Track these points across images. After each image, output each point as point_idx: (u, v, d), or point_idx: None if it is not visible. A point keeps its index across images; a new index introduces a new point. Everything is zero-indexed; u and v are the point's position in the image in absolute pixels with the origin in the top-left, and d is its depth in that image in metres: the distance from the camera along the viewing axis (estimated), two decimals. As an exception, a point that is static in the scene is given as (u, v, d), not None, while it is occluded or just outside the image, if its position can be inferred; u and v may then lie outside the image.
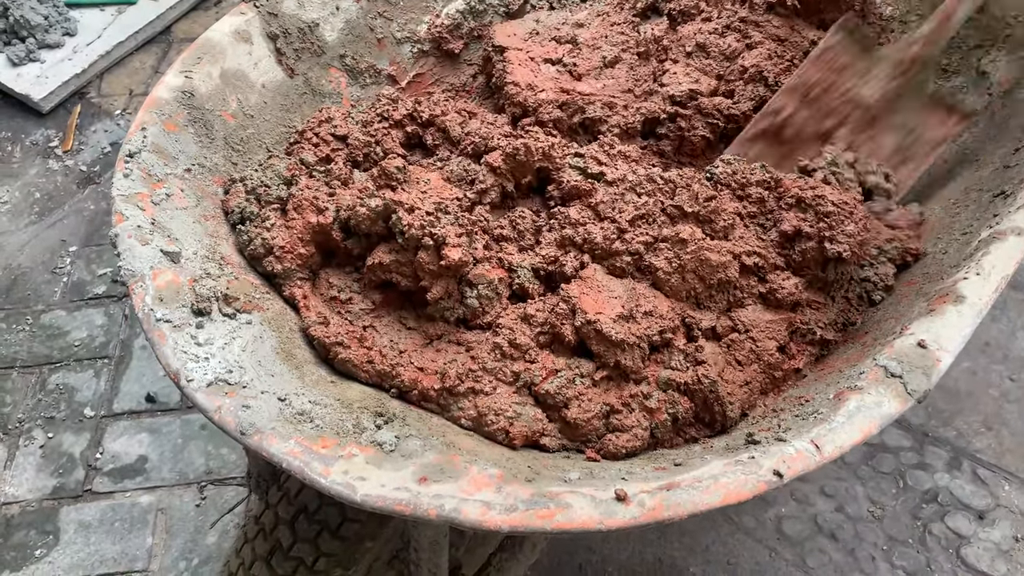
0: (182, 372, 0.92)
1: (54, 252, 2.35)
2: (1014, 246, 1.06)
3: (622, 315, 1.08)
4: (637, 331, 1.07)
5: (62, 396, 2.03)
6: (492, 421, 1.01)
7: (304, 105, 1.39)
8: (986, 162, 1.34)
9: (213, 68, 1.26)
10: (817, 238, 1.18)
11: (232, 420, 0.89)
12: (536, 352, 1.07)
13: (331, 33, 1.45)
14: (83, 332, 2.16)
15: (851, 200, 1.22)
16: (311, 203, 1.16)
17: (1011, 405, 1.91)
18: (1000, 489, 1.79)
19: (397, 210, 1.11)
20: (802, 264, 1.20)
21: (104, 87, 2.80)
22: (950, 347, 0.96)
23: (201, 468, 1.90)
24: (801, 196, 1.21)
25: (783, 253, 1.21)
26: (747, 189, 1.25)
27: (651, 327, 1.09)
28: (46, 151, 2.63)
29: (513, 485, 0.85)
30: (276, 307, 1.10)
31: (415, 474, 0.86)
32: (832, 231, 1.17)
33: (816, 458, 0.87)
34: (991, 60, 1.48)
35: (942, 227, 1.26)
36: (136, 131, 1.13)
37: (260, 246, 1.14)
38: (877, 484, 1.80)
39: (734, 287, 1.17)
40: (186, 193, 1.14)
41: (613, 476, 0.92)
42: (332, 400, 0.97)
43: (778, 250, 1.21)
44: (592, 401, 1.05)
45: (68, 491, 1.87)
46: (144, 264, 1.00)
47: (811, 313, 1.19)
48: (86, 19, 2.87)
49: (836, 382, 1.01)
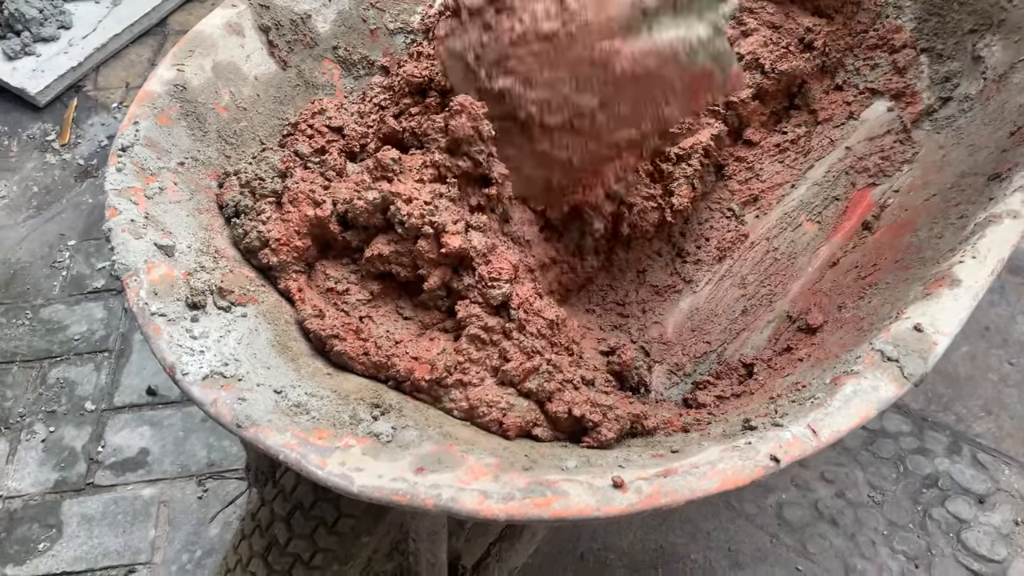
0: (177, 365, 0.92)
1: (52, 246, 2.35)
2: (1010, 229, 1.06)
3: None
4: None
5: (63, 390, 2.04)
6: (484, 412, 1.01)
7: (297, 97, 1.38)
8: (981, 146, 1.34)
9: (205, 61, 1.25)
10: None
11: (228, 413, 0.88)
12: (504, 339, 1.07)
13: (324, 24, 1.44)
14: (83, 326, 2.16)
15: None
16: (307, 196, 1.15)
17: (1011, 389, 1.91)
18: (1000, 473, 1.79)
19: (395, 201, 1.11)
20: None
21: (100, 80, 2.79)
22: (946, 330, 0.96)
23: (203, 460, 1.90)
24: None
25: None
26: None
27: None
28: (43, 145, 2.62)
29: (510, 474, 0.85)
30: (271, 300, 1.10)
31: (412, 464, 0.86)
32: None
33: (813, 443, 0.87)
34: (986, 44, 1.48)
35: (938, 211, 1.26)
36: (128, 125, 1.13)
37: (256, 239, 1.14)
38: (877, 469, 1.81)
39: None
40: (180, 187, 1.13)
41: (610, 463, 0.92)
42: (328, 392, 0.97)
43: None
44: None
45: (70, 484, 1.88)
46: (138, 258, 0.99)
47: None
48: (81, 12, 2.86)
49: (833, 367, 1.01)
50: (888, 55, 1.61)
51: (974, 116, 1.44)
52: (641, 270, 1.44)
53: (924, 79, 1.58)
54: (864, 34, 1.63)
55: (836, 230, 1.45)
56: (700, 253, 1.47)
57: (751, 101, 1.52)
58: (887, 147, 1.52)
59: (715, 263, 1.46)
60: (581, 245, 1.36)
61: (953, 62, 1.54)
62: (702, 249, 1.47)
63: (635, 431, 1.11)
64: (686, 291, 1.44)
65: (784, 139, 1.58)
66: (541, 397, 1.04)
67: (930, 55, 1.58)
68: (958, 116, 1.48)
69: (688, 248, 1.47)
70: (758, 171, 1.53)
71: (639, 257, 1.44)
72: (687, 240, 1.48)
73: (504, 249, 1.13)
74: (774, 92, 1.56)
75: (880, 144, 1.53)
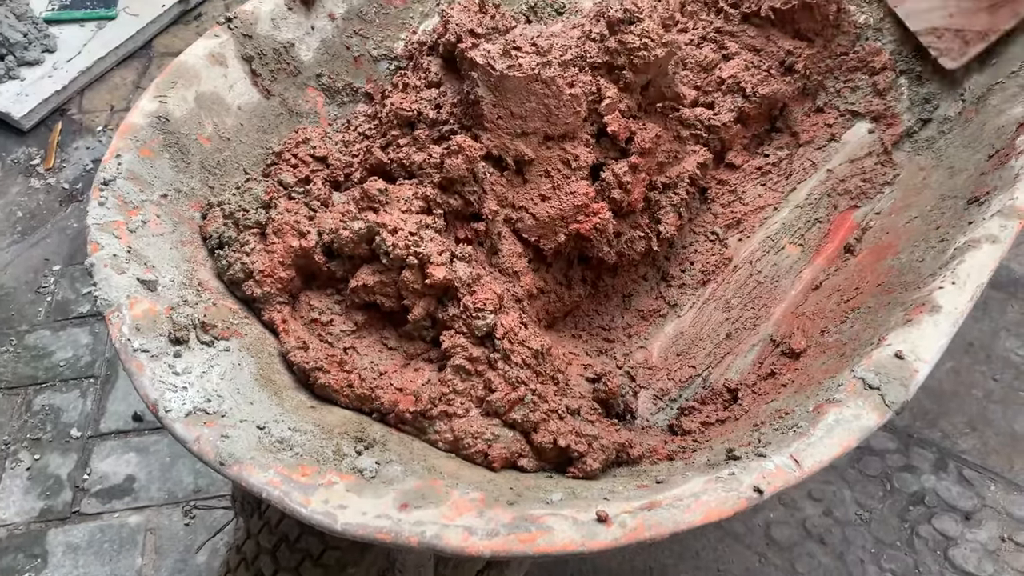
0: (160, 402, 0.92)
1: (37, 271, 2.34)
2: (988, 254, 1.07)
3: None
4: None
5: (48, 417, 2.02)
6: (470, 444, 1.01)
7: (281, 126, 1.39)
8: (960, 169, 1.35)
9: (188, 92, 1.25)
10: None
11: (211, 451, 0.88)
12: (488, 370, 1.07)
13: (307, 53, 1.44)
14: (68, 352, 2.15)
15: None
16: (292, 227, 1.16)
17: (995, 405, 1.92)
18: (986, 489, 1.79)
19: (380, 232, 1.11)
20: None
21: (85, 103, 2.78)
22: (927, 357, 0.97)
23: (190, 486, 1.89)
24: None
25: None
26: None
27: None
28: (28, 169, 2.61)
29: (495, 509, 0.85)
30: (255, 332, 1.10)
31: (396, 500, 0.85)
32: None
33: (796, 473, 0.88)
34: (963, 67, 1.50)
35: (919, 234, 1.27)
36: (111, 158, 1.13)
37: (240, 271, 1.13)
38: (864, 487, 1.81)
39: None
40: (162, 219, 1.13)
41: (595, 495, 0.92)
42: (312, 426, 0.96)
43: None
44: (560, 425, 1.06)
45: (56, 513, 1.86)
46: (120, 293, 0.99)
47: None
48: (65, 35, 2.86)
49: (816, 394, 1.02)
50: (868, 77, 1.62)
51: (953, 138, 1.45)
52: (627, 295, 1.45)
53: (904, 101, 1.59)
54: (844, 56, 1.64)
55: (819, 253, 1.46)
56: (685, 277, 1.47)
57: (733, 125, 1.53)
58: (868, 169, 1.53)
59: (699, 287, 1.47)
60: (569, 275, 1.37)
61: (932, 84, 1.56)
62: (687, 273, 1.47)
63: (621, 460, 1.11)
64: (671, 315, 1.44)
65: (766, 162, 1.59)
66: (526, 428, 1.05)
67: (909, 77, 1.60)
68: (937, 138, 1.49)
69: (673, 272, 1.47)
70: (741, 194, 1.54)
71: (625, 282, 1.45)
72: (672, 264, 1.48)
73: (489, 279, 1.14)
74: (756, 115, 1.57)
75: (861, 166, 1.54)
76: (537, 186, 1.26)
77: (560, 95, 1.22)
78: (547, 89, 1.21)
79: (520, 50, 1.21)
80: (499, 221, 1.24)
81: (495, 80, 1.19)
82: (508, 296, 1.18)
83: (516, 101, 1.21)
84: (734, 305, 1.43)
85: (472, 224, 1.22)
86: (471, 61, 1.21)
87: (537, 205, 1.25)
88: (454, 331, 1.09)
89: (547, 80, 1.20)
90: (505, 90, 1.20)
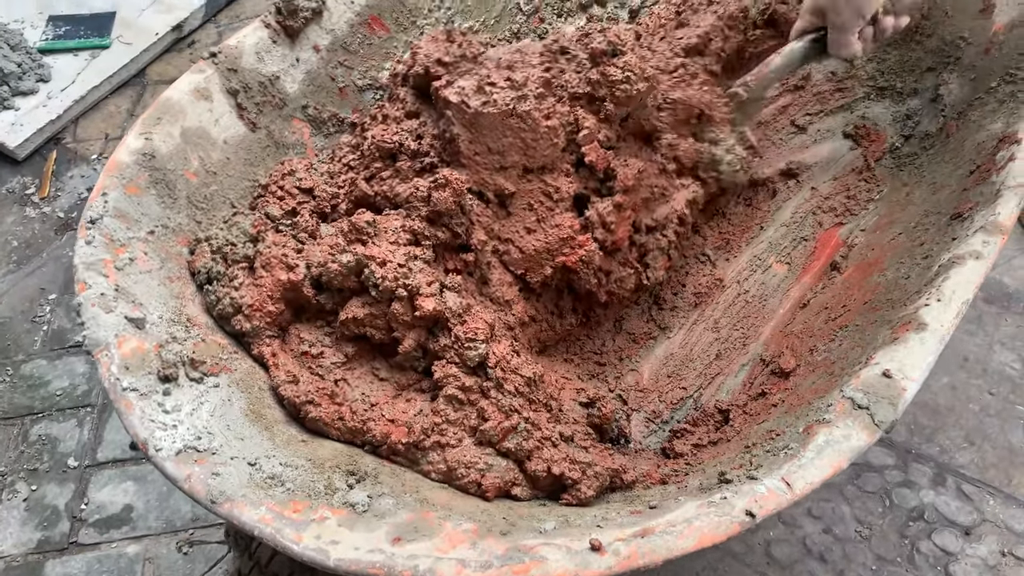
0: (150, 441, 0.92)
1: (33, 300, 2.34)
2: (973, 270, 1.07)
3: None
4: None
5: (45, 447, 2.02)
6: (463, 474, 1.01)
7: (268, 158, 1.39)
8: (943, 184, 1.36)
9: (173, 128, 1.26)
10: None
11: (202, 489, 0.88)
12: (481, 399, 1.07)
13: (292, 85, 1.45)
14: (64, 381, 2.15)
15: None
16: (280, 260, 1.16)
17: (992, 419, 1.92)
18: (985, 504, 1.79)
19: (369, 264, 1.11)
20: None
21: (79, 132, 2.80)
22: (915, 375, 0.97)
23: (187, 515, 1.88)
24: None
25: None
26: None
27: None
28: (23, 199, 2.62)
29: (488, 540, 0.85)
30: (244, 367, 1.10)
31: (389, 534, 0.85)
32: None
33: (787, 496, 0.88)
34: (943, 82, 1.51)
35: (904, 250, 1.28)
36: (97, 196, 1.13)
37: (229, 305, 1.14)
38: (864, 504, 1.81)
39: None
40: (150, 256, 1.14)
41: (588, 523, 0.92)
42: (303, 461, 0.96)
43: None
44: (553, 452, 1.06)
45: (53, 544, 1.85)
46: (109, 332, 0.99)
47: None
48: (60, 65, 2.87)
49: (806, 414, 1.02)
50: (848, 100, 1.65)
51: (935, 154, 1.46)
52: (618, 319, 1.45)
53: (886, 117, 1.60)
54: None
55: (805, 271, 1.46)
56: (677, 300, 1.47)
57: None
58: (852, 186, 1.54)
59: (692, 309, 1.47)
60: (559, 305, 1.36)
61: (913, 100, 1.57)
62: (679, 296, 1.47)
63: (614, 485, 1.11)
64: (661, 337, 1.44)
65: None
66: (520, 456, 1.05)
67: (890, 93, 1.61)
68: (920, 154, 1.50)
69: (665, 296, 1.47)
70: (728, 214, 1.54)
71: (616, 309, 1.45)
72: (664, 288, 1.48)
73: (480, 309, 1.14)
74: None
75: (845, 183, 1.55)
76: (522, 219, 1.26)
77: (536, 127, 1.21)
78: (523, 123, 1.21)
79: (495, 85, 1.21)
80: (488, 251, 1.24)
81: (470, 117, 1.19)
82: (500, 324, 1.19)
83: (492, 137, 1.21)
84: (723, 325, 1.43)
85: (461, 255, 1.22)
86: (445, 100, 1.21)
87: (523, 238, 1.25)
88: (446, 361, 1.09)
89: (522, 114, 1.20)
90: (480, 127, 1.20)
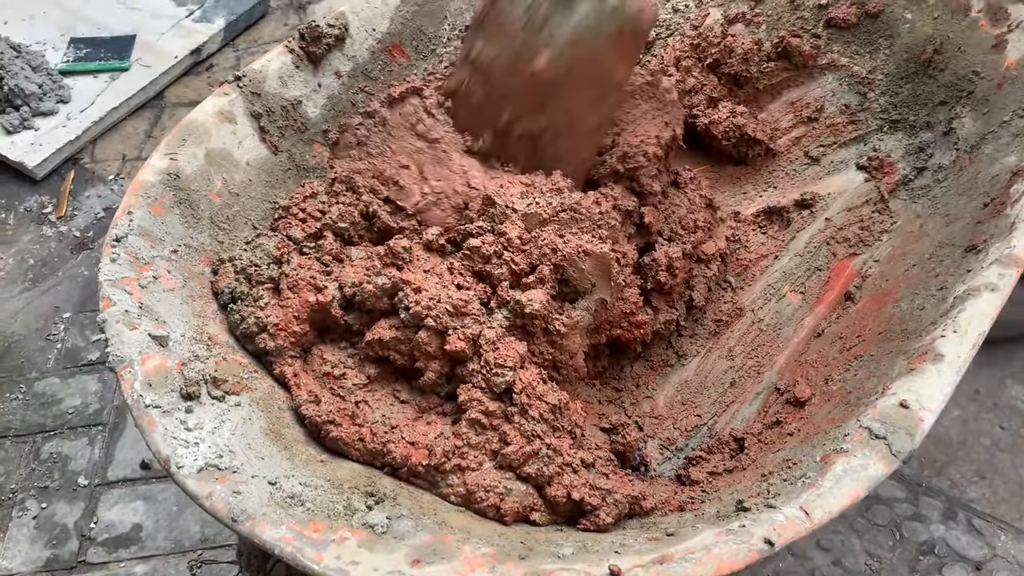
0: (172, 459, 0.93)
1: (47, 318, 2.36)
2: (988, 302, 1.08)
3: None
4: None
5: (56, 465, 2.02)
6: (482, 498, 1.02)
7: (289, 180, 1.42)
8: (957, 216, 1.37)
9: (198, 149, 1.28)
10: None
11: (223, 507, 0.89)
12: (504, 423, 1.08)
13: (314, 109, 1.48)
14: (77, 399, 2.16)
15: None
16: (308, 282, 1.18)
17: (1003, 453, 1.91)
18: (996, 539, 1.78)
19: (404, 288, 1.13)
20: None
21: (97, 153, 2.83)
22: (932, 406, 0.97)
23: (196, 536, 1.88)
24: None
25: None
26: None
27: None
28: (40, 217, 2.65)
29: (507, 564, 0.85)
30: (264, 386, 1.11)
31: (408, 556, 0.86)
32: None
33: (806, 525, 0.88)
34: (956, 116, 1.53)
35: (918, 282, 1.29)
36: (122, 215, 1.15)
37: (253, 324, 1.15)
38: (873, 537, 1.79)
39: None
40: (173, 274, 1.15)
41: (606, 549, 0.92)
42: (323, 481, 0.97)
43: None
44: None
45: (62, 563, 1.85)
46: (132, 349, 1.01)
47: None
48: (79, 86, 2.92)
49: (822, 443, 1.02)
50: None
51: (949, 186, 1.47)
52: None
53: (899, 149, 1.62)
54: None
55: (819, 300, 1.47)
56: (697, 327, 1.48)
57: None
58: (866, 217, 1.56)
59: (709, 336, 1.48)
60: (596, 348, 1.36)
61: (926, 133, 1.58)
62: (699, 323, 1.48)
63: (632, 512, 1.11)
64: (676, 364, 1.45)
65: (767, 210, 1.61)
66: (540, 481, 1.05)
67: (904, 126, 1.63)
68: (933, 186, 1.52)
69: (686, 323, 1.49)
70: (745, 242, 1.56)
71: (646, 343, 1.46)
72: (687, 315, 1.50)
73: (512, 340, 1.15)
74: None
75: (859, 214, 1.57)
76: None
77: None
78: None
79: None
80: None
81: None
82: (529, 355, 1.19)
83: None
84: (737, 353, 1.44)
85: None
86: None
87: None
88: (471, 385, 1.10)
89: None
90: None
